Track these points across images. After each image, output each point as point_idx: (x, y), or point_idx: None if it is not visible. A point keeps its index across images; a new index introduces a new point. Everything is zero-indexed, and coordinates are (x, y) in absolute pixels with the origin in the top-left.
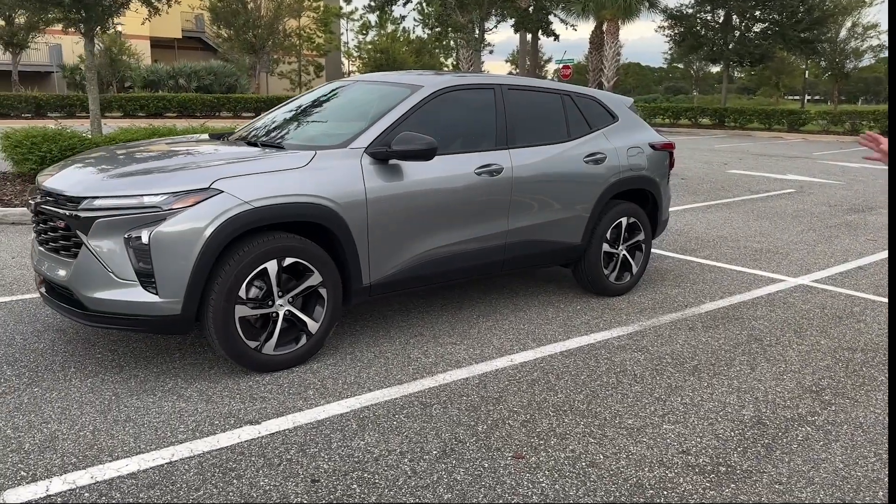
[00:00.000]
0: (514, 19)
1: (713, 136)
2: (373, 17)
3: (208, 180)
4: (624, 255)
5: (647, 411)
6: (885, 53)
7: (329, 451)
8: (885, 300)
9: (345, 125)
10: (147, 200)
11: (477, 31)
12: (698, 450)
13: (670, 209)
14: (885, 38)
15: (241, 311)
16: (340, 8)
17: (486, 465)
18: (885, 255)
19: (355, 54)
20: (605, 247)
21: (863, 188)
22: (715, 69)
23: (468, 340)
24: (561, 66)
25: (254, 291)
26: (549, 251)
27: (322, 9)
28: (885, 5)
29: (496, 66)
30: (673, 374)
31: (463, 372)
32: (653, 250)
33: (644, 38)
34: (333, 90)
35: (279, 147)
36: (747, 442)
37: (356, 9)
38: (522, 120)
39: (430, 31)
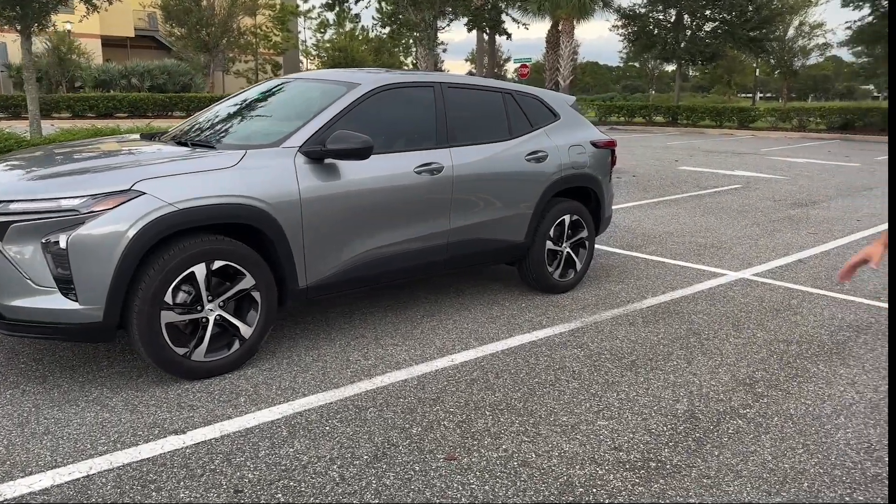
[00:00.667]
0: (467, 18)
1: (666, 133)
2: (331, 16)
3: (129, 181)
4: (568, 252)
5: (583, 408)
6: (832, 52)
7: (255, 460)
8: (822, 292)
9: (280, 124)
10: (65, 203)
11: (430, 30)
12: (630, 445)
13: (619, 206)
14: (830, 36)
15: (167, 316)
16: (297, 6)
17: (418, 468)
18: (824, 248)
19: (314, 53)
20: (549, 244)
21: (807, 183)
22: (669, 68)
23: (410, 341)
24: (519, 65)
25: (181, 296)
26: (492, 250)
27: (279, 7)
28: (830, 5)
29: (457, 66)
30: (611, 370)
31: (402, 373)
32: (600, 247)
33: (602, 38)
34: (270, 88)
35: (210, 146)
36: (679, 436)
37: (313, 7)
38: (463, 118)
39: (382, 30)
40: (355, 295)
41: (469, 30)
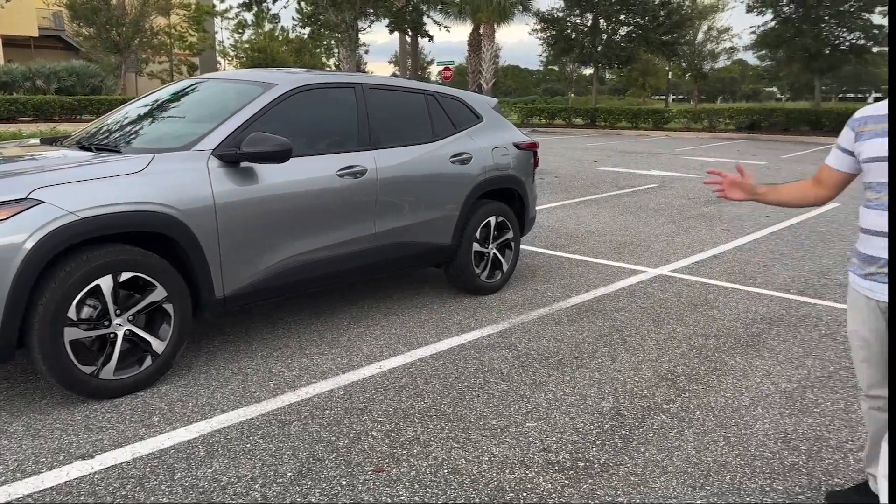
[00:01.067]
0: (388, 19)
1: (585, 135)
2: (249, 16)
3: (26, 189)
4: (494, 253)
5: (512, 410)
6: (738, 55)
7: (171, 483)
8: (736, 286)
9: (192, 126)
10: None
11: (351, 31)
12: (559, 446)
13: (543, 206)
14: (737, 41)
15: (71, 333)
16: (213, 6)
17: (345, 482)
18: (737, 243)
19: (231, 54)
20: (476, 246)
21: None
22: (587, 71)
23: (336, 349)
24: (442, 67)
25: (86, 311)
26: (419, 253)
27: (194, 6)
28: (736, 10)
29: (380, 67)
30: (538, 370)
31: (328, 384)
32: (525, 247)
33: (522, 42)
34: (183, 89)
35: (116, 150)
36: (606, 434)
37: (230, 7)
38: (386, 120)
39: (302, 31)
40: (278, 303)
41: (391, 31)
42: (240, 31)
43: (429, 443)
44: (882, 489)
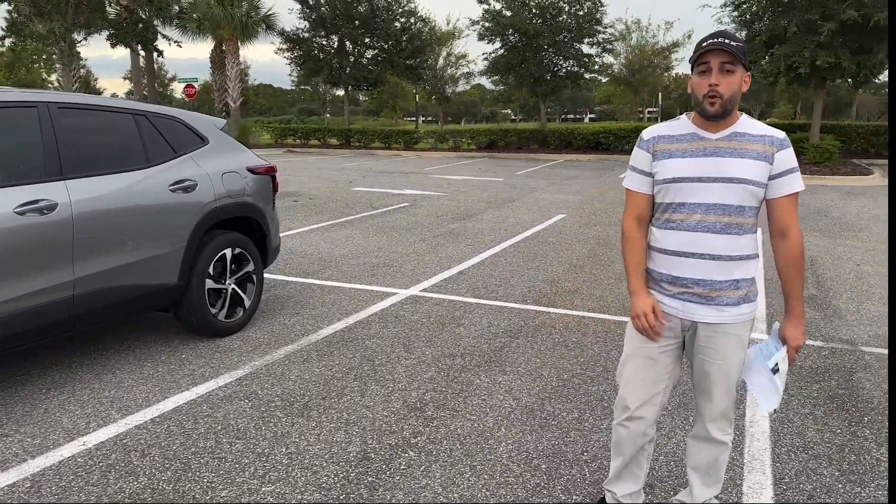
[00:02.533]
0: (107, 32)
1: (341, 155)
2: None
3: None
4: (233, 289)
5: (246, 474)
6: (476, 80)
7: None
8: (480, 301)
9: None
10: None
11: (63, 43)
12: None
13: (295, 231)
14: (473, 66)
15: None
16: None
17: None
18: (480, 258)
19: None
20: (210, 283)
21: (464, 198)
22: (340, 92)
23: (27, 427)
24: (185, 85)
25: None
26: (137, 297)
27: None
28: (472, 38)
29: (116, 85)
30: (280, 420)
31: (9, 476)
32: (274, 276)
33: (274, 60)
34: None
35: None
36: (351, 486)
37: None
38: (83, 145)
39: (2, 43)
40: None
41: (113, 45)
42: None
43: None
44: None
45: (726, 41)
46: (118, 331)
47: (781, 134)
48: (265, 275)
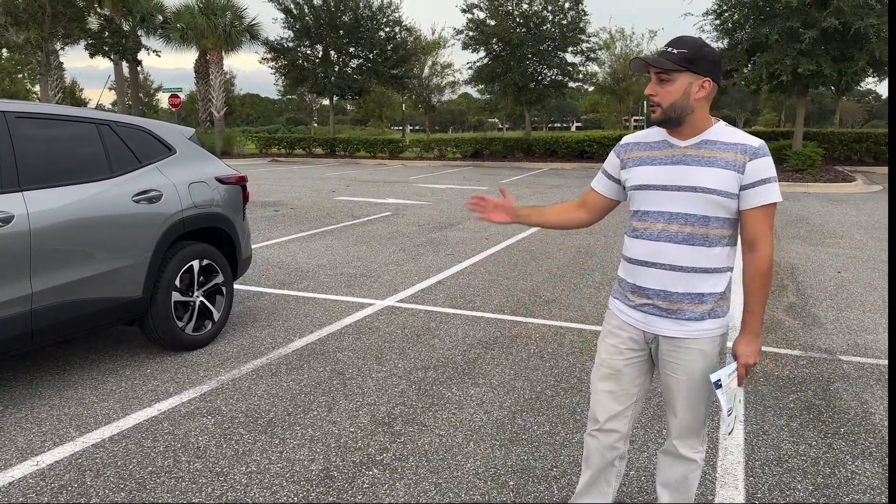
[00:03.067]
0: (85, 41)
1: (326, 164)
2: None
3: None
4: (201, 301)
5: (203, 494)
6: (462, 89)
7: None
8: (457, 311)
9: None
10: None
11: (41, 53)
12: None
13: (274, 241)
14: (458, 75)
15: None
16: None
17: None
18: (459, 267)
19: None
20: (177, 295)
21: (447, 207)
22: (326, 101)
23: None
24: (170, 95)
25: None
26: (99, 311)
27: None
28: (457, 47)
29: (104, 95)
30: (243, 437)
31: None
32: (248, 288)
33: (262, 70)
34: None
35: None
36: None
37: None
38: (42, 155)
39: None
40: None
41: (91, 55)
42: None
43: None
44: None
45: (668, 49)
46: (84, 344)
47: (757, 142)
48: (237, 286)
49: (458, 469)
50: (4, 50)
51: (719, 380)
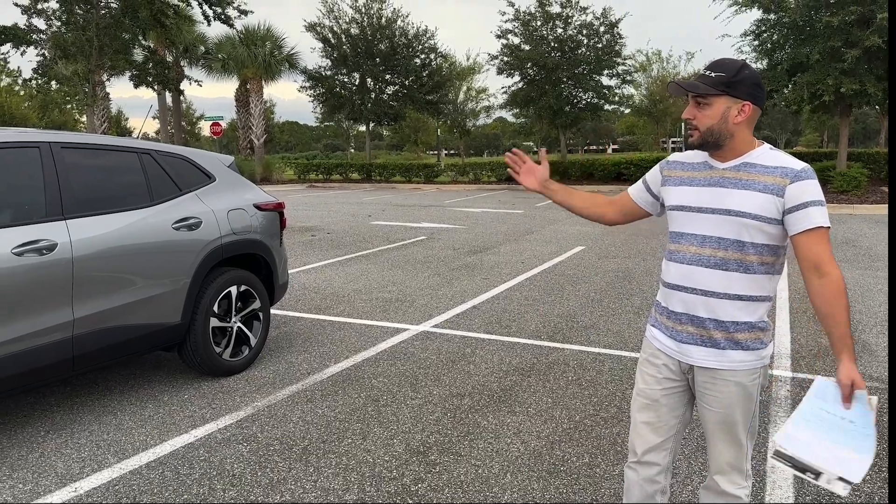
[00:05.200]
0: (130, 73)
1: (363, 189)
2: None
3: None
4: (239, 327)
5: None
6: (497, 113)
7: None
8: (492, 336)
9: None
10: None
11: (86, 84)
12: None
13: (311, 266)
14: (493, 100)
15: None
16: None
17: None
18: (495, 292)
19: None
20: (215, 321)
21: (482, 230)
22: (362, 128)
23: (21, 472)
24: (211, 123)
25: None
26: (140, 337)
27: None
28: (492, 72)
29: (147, 124)
30: (278, 465)
31: None
32: (285, 313)
33: (301, 98)
34: None
35: None
36: None
37: None
38: (85, 184)
39: (30, 83)
40: None
41: (135, 86)
42: None
43: None
44: None
45: (706, 73)
46: (123, 370)
47: (801, 165)
48: (274, 312)
49: (495, 501)
50: (54, 82)
51: (870, 404)
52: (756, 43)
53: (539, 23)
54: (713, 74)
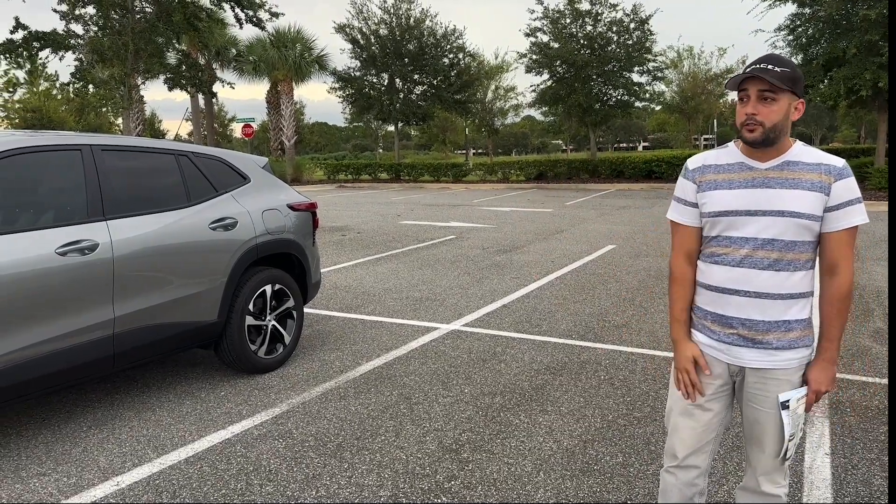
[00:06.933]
0: (164, 76)
1: (391, 189)
2: (21, 74)
3: None
4: (273, 325)
5: None
6: (526, 112)
7: None
8: (523, 336)
9: None
10: None
11: (122, 88)
12: None
13: (341, 265)
14: (521, 98)
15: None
16: None
17: None
18: (524, 291)
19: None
20: (250, 319)
21: (511, 229)
22: (391, 128)
23: (65, 465)
24: (243, 125)
25: None
26: (177, 334)
27: None
28: (520, 70)
29: (179, 126)
30: (313, 460)
31: None
32: (316, 311)
33: (330, 99)
34: None
35: None
36: None
37: None
38: (126, 186)
39: (67, 87)
40: None
41: (170, 89)
42: (10, 89)
43: None
44: None
45: (769, 67)
46: (161, 367)
47: (840, 162)
48: (307, 310)
49: (528, 500)
50: (91, 86)
51: (788, 401)
52: (791, 38)
53: (568, 20)
54: (779, 69)
